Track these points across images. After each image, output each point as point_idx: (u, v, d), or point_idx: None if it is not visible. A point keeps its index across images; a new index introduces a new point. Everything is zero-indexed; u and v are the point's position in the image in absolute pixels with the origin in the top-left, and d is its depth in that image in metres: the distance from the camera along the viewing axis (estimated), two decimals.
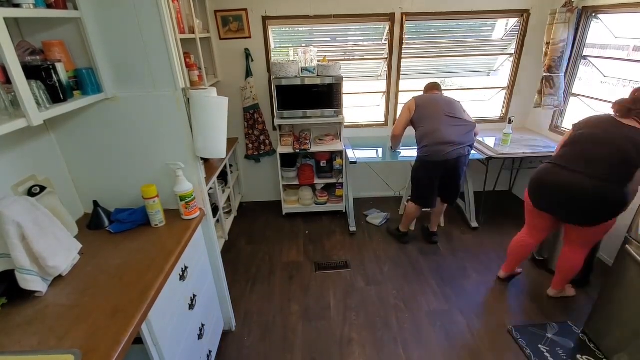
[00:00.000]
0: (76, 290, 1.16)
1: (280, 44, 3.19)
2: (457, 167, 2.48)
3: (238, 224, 3.28)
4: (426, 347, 1.96)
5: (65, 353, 0.92)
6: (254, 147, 3.30)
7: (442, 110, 2.48)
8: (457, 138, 2.40)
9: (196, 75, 2.37)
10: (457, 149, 2.40)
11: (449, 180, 2.57)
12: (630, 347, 1.70)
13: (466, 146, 2.44)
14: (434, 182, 2.57)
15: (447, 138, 2.40)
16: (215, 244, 1.80)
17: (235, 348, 1.99)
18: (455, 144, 2.39)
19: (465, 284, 2.43)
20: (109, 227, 1.51)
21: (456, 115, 2.48)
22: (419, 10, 2.91)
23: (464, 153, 2.44)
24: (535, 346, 1.92)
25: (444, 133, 2.41)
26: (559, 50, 2.74)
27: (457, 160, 2.44)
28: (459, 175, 2.55)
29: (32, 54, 1.21)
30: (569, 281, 2.18)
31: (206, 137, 1.47)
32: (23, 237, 1.08)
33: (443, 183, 2.59)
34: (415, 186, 2.65)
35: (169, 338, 1.28)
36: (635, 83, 2.63)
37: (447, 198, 2.72)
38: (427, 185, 2.59)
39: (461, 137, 2.42)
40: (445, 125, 2.43)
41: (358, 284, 2.46)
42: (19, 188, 1.29)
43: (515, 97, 3.34)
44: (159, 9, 1.29)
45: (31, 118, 1.01)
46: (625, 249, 1.70)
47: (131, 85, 1.42)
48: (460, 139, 2.41)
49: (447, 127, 2.43)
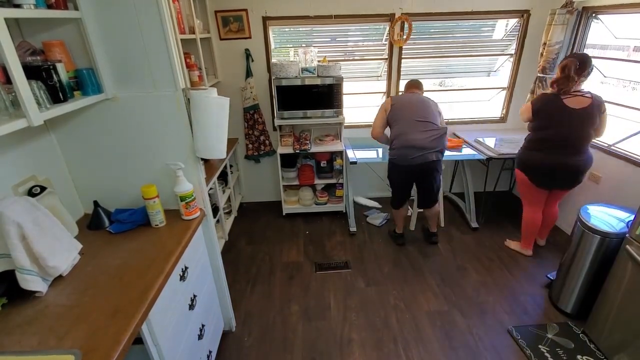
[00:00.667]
0: (76, 290, 1.16)
1: (280, 44, 3.19)
2: (427, 173, 2.47)
3: (238, 224, 3.28)
4: (426, 347, 1.96)
5: (65, 353, 0.92)
6: (254, 148, 3.31)
7: (415, 113, 2.44)
8: (425, 143, 2.37)
9: (196, 75, 2.37)
10: (424, 154, 2.38)
11: (421, 185, 2.59)
12: (630, 348, 1.70)
13: (435, 152, 2.40)
14: (405, 184, 2.61)
15: (414, 142, 2.37)
16: (215, 244, 1.80)
17: (235, 348, 1.98)
18: (422, 149, 2.37)
19: (465, 284, 2.43)
20: (109, 228, 1.51)
21: (428, 119, 2.42)
22: (419, 10, 2.91)
23: (433, 158, 2.40)
24: (535, 346, 1.92)
25: (411, 137, 2.38)
26: (554, 52, 2.75)
27: (425, 166, 2.41)
28: (430, 181, 2.54)
29: (32, 54, 1.21)
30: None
31: (206, 138, 1.47)
32: (23, 237, 1.08)
33: (418, 187, 2.64)
34: (390, 187, 2.71)
35: (169, 338, 1.28)
36: (635, 83, 2.63)
37: (420, 202, 2.73)
38: (398, 187, 2.64)
39: (430, 142, 2.38)
40: (414, 130, 2.40)
41: (358, 284, 2.46)
42: (19, 188, 1.29)
43: (515, 98, 3.34)
44: (159, 9, 1.29)
45: (31, 118, 1.01)
46: (625, 249, 1.70)
47: (131, 86, 1.42)
48: (428, 144, 2.37)
49: (416, 131, 2.39)
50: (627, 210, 2.03)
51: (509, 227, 3.06)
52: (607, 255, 1.89)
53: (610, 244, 1.87)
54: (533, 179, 2.38)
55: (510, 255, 2.71)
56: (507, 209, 3.37)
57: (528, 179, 2.39)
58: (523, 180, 2.44)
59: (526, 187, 2.46)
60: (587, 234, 1.95)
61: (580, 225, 2.00)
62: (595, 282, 1.97)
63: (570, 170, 2.26)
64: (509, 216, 3.22)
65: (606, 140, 2.59)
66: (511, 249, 2.77)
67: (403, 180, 2.59)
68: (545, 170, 2.30)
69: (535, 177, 2.36)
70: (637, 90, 3.26)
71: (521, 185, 2.50)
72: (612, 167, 2.51)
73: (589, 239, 1.94)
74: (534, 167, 2.35)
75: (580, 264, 2.02)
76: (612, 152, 2.50)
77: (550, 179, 2.33)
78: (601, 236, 1.89)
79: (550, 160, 2.26)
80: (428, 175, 2.50)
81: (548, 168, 2.28)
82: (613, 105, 2.60)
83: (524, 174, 2.41)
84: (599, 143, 2.62)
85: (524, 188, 2.49)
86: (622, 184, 2.44)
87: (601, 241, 1.90)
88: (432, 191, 2.62)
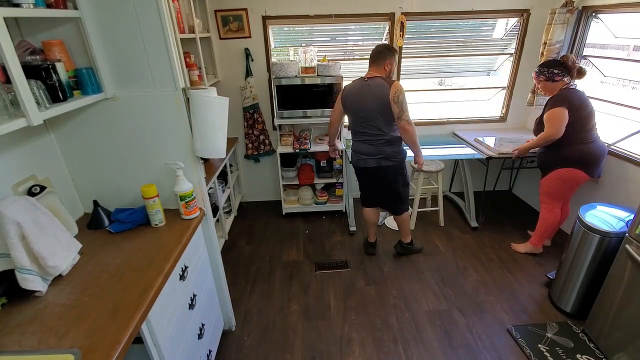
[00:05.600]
0: (76, 289, 1.16)
1: (280, 43, 3.19)
2: (377, 177, 2.32)
3: (238, 223, 3.28)
4: (426, 347, 1.96)
5: (65, 353, 0.92)
6: (254, 147, 3.30)
7: (360, 112, 2.18)
8: (366, 149, 2.23)
9: (196, 75, 2.36)
10: (365, 159, 2.25)
11: (378, 189, 2.41)
12: (630, 347, 1.70)
13: (380, 158, 2.21)
14: (363, 185, 2.48)
15: (357, 148, 2.28)
16: (215, 244, 1.80)
17: (235, 348, 1.99)
18: (362, 154, 2.26)
19: (465, 283, 2.43)
20: (108, 227, 1.51)
21: (370, 122, 2.16)
22: (418, 10, 2.91)
23: (373, 164, 2.23)
24: (535, 346, 1.92)
25: (355, 143, 2.29)
26: (554, 52, 2.75)
27: (371, 170, 2.28)
28: (384, 186, 2.35)
29: (32, 53, 1.21)
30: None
31: (206, 137, 1.47)
32: (23, 237, 1.08)
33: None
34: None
35: (169, 338, 1.28)
36: (635, 83, 2.63)
37: (385, 207, 2.55)
38: (360, 186, 2.52)
39: (368, 149, 2.22)
40: (357, 133, 2.26)
41: (358, 284, 2.46)
42: (19, 188, 1.29)
43: (515, 97, 3.34)
44: (158, 8, 1.29)
45: (31, 118, 1.01)
46: (624, 248, 1.70)
47: (131, 85, 1.42)
48: (370, 151, 2.22)
49: (357, 133, 2.26)
50: (627, 209, 2.03)
51: (509, 227, 3.06)
52: (606, 254, 1.89)
53: (610, 244, 1.87)
54: (592, 173, 2.29)
55: (510, 254, 2.71)
56: (507, 209, 3.37)
57: (588, 175, 2.28)
58: (577, 177, 2.29)
59: (572, 185, 2.35)
60: (586, 233, 1.95)
61: (580, 225, 2.00)
62: (594, 281, 1.97)
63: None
64: (509, 216, 3.22)
65: (606, 139, 2.59)
66: (521, 252, 2.70)
67: (360, 180, 2.47)
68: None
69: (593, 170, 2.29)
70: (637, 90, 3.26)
71: (567, 183, 2.34)
72: (612, 167, 2.50)
73: (588, 238, 1.94)
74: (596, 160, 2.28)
75: (579, 264, 2.02)
76: (612, 151, 2.50)
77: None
78: (601, 236, 1.89)
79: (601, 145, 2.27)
80: (380, 180, 2.32)
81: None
82: (613, 105, 2.60)
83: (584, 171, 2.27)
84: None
85: (569, 186, 2.36)
86: (622, 183, 2.44)
87: (601, 240, 1.90)
88: (389, 197, 2.42)
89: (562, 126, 2.19)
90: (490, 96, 3.55)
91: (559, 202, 2.48)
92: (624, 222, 1.92)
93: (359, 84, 2.19)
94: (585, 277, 2.01)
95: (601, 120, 2.34)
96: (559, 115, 2.19)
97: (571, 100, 2.18)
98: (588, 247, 1.96)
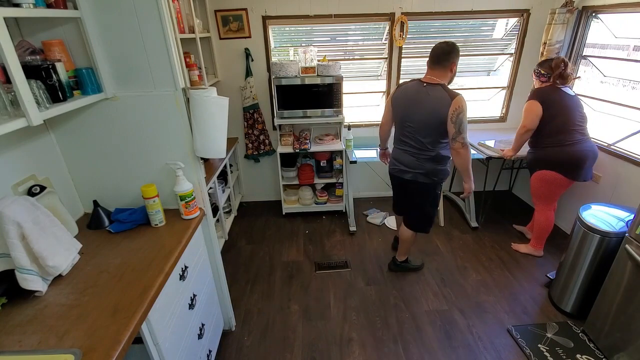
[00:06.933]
0: (76, 289, 1.16)
1: (280, 43, 3.19)
2: (410, 190, 2.17)
3: (238, 223, 3.28)
4: (426, 347, 1.96)
5: (65, 352, 0.92)
6: (254, 147, 3.30)
7: (409, 121, 2.00)
8: (407, 160, 2.08)
9: (196, 75, 2.36)
10: (402, 169, 2.12)
11: (404, 199, 2.30)
12: (630, 347, 1.70)
13: (418, 173, 2.06)
14: (394, 191, 2.38)
15: (397, 156, 2.15)
16: (215, 244, 1.80)
17: (235, 348, 1.99)
18: (401, 164, 2.12)
19: (465, 283, 2.43)
20: (108, 227, 1.51)
21: (418, 134, 1.99)
22: (418, 10, 2.91)
23: (417, 179, 2.07)
24: (535, 346, 1.92)
25: (396, 149, 2.16)
26: (554, 52, 2.75)
27: (402, 180, 2.15)
28: (410, 199, 2.22)
29: (32, 53, 1.21)
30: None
31: (206, 137, 1.47)
32: (23, 237, 1.08)
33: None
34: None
35: (169, 338, 1.28)
36: (635, 83, 2.63)
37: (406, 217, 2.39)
38: (393, 191, 2.42)
39: (412, 161, 2.06)
40: (400, 141, 2.11)
41: (358, 284, 2.46)
42: (19, 188, 1.29)
43: (515, 97, 3.34)
44: (158, 8, 1.29)
45: (31, 118, 1.01)
46: (624, 248, 1.70)
47: (131, 85, 1.42)
48: (410, 163, 2.07)
49: (401, 143, 2.11)
50: (627, 209, 2.04)
51: (509, 227, 3.06)
52: (606, 254, 1.89)
53: (610, 244, 1.87)
54: (574, 176, 2.29)
55: (510, 254, 2.71)
56: (507, 209, 3.37)
57: (567, 178, 2.29)
58: (554, 180, 2.31)
59: (553, 188, 2.36)
60: (586, 233, 1.95)
61: (579, 225, 2.00)
62: (594, 281, 1.97)
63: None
64: (509, 216, 3.22)
65: (606, 139, 2.59)
66: (521, 252, 2.71)
67: (393, 187, 2.38)
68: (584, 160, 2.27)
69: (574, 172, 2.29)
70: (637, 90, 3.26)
71: (548, 185, 2.37)
72: (612, 167, 2.51)
73: (588, 238, 1.94)
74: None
75: (579, 264, 2.02)
76: (612, 151, 2.50)
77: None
78: (601, 235, 1.89)
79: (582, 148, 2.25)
80: (411, 194, 2.20)
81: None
82: (613, 105, 2.60)
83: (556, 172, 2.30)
84: (599, 142, 2.62)
85: (550, 188, 2.37)
86: (622, 183, 2.44)
87: (601, 240, 1.90)
88: (413, 213, 2.29)
89: (533, 118, 2.27)
90: (490, 96, 3.54)
91: (549, 203, 2.47)
92: (624, 222, 1.92)
93: (416, 88, 1.98)
94: (585, 277, 2.01)
95: (601, 121, 2.34)
96: (529, 107, 2.28)
97: (542, 95, 2.25)
98: (588, 247, 1.96)
